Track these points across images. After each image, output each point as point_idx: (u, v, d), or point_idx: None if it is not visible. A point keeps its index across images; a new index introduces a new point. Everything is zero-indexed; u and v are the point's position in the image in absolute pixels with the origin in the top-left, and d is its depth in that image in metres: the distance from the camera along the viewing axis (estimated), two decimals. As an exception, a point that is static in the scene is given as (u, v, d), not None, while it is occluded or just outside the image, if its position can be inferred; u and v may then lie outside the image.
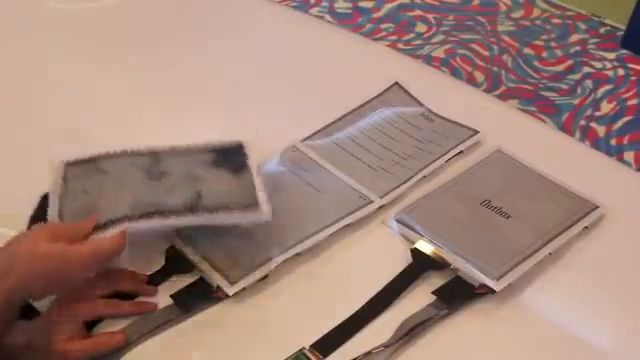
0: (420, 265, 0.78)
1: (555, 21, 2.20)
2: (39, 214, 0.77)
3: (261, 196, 0.76)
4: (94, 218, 0.72)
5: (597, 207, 0.84)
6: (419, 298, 0.75)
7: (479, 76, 1.98)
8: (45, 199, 0.78)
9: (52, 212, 0.75)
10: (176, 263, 0.79)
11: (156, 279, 0.78)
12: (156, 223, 0.73)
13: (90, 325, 0.73)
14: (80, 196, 0.77)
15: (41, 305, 0.73)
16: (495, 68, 2.00)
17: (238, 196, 0.77)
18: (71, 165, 0.81)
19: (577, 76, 1.97)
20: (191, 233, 0.80)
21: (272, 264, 0.77)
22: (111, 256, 0.69)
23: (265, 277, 0.77)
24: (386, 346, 0.70)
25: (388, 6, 2.26)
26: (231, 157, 0.83)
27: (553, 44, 2.10)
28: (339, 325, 0.73)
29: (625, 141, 1.76)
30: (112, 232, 0.70)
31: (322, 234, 0.81)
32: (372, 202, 0.85)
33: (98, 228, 0.71)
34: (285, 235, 0.80)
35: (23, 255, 0.65)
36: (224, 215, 0.74)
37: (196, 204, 0.75)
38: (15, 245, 0.67)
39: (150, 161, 0.81)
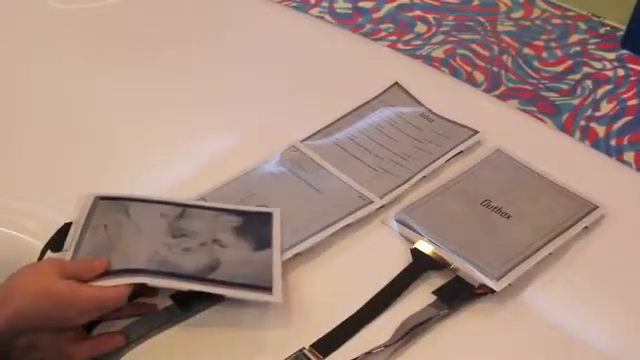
0: (420, 265, 0.78)
1: (555, 21, 2.20)
2: (57, 242, 0.76)
3: (276, 280, 0.74)
4: (105, 260, 0.70)
5: (597, 207, 0.84)
6: (419, 298, 0.75)
7: (479, 76, 1.97)
8: (66, 228, 0.77)
9: (70, 243, 0.74)
10: None
11: None
12: (168, 284, 0.72)
13: (90, 326, 0.73)
14: (100, 232, 0.76)
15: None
16: (495, 68, 2.00)
17: (254, 275, 0.74)
18: (100, 199, 0.80)
19: (577, 76, 1.97)
20: None
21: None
22: (114, 306, 0.68)
23: None
24: (386, 346, 0.70)
25: (388, 6, 2.26)
26: (257, 226, 0.80)
27: (553, 44, 2.10)
28: (339, 325, 0.73)
29: (625, 141, 1.76)
30: (122, 281, 0.69)
31: (322, 234, 0.81)
32: (372, 202, 0.85)
33: (110, 273, 0.70)
34: (285, 235, 0.80)
35: (27, 288, 0.65)
36: (236, 292, 0.73)
37: (211, 273, 0.73)
38: (21, 276, 0.66)
39: (177, 214, 0.80)
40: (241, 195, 0.86)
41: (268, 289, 0.73)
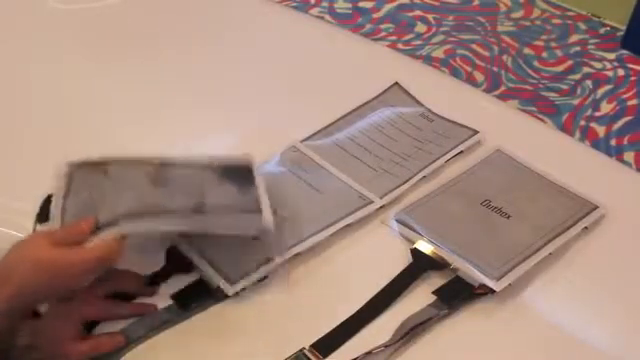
0: (420, 265, 0.78)
1: (555, 21, 2.20)
2: (43, 214, 0.76)
3: (265, 205, 0.75)
4: (91, 220, 0.70)
5: (597, 207, 0.84)
6: (419, 298, 0.75)
7: (479, 76, 1.97)
8: (49, 199, 0.77)
9: (55, 212, 0.74)
10: (176, 263, 0.79)
11: (156, 279, 0.78)
12: (154, 224, 0.72)
13: (90, 326, 0.73)
14: (83, 197, 0.76)
15: (42, 306, 0.73)
16: (495, 68, 2.00)
17: (241, 205, 0.76)
18: (77, 166, 0.80)
19: (577, 76, 1.97)
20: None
21: (272, 264, 0.77)
22: (110, 262, 0.69)
23: (265, 277, 0.77)
24: (386, 346, 0.70)
25: (388, 6, 2.26)
26: (238, 175, 0.81)
27: (553, 44, 2.10)
28: (339, 325, 0.73)
29: (625, 141, 1.76)
30: (109, 234, 0.69)
31: (322, 234, 0.81)
32: (372, 202, 0.85)
33: (95, 230, 0.69)
34: (285, 235, 0.80)
35: (24, 262, 0.65)
36: (226, 218, 0.74)
37: (198, 209, 0.74)
38: (15, 253, 0.67)
39: (157, 169, 0.80)
40: None
41: (257, 212, 0.73)
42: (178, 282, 0.77)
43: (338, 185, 0.88)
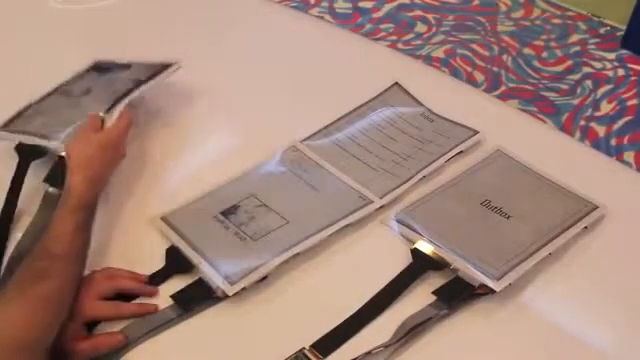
0: (420, 265, 0.78)
1: (555, 21, 2.20)
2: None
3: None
4: (96, 114, 0.89)
5: (597, 207, 0.84)
6: (419, 298, 0.75)
7: (479, 76, 1.97)
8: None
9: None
10: (176, 263, 0.79)
11: (156, 279, 0.78)
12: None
13: (91, 325, 0.73)
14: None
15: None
16: (495, 68, 2.00)
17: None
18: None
19: (577, 76, 1.97)
20: (192, 234, 0.80)
21: (272, 264, 0.77)
22: (130, 124, 0.89)
23: (265, 277, 0.77)
24: (386, 346, 0.70)
25: (388, 6, 2.26)
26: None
27: (553, 44, 2.10)
28: (339, 325, 0.73)
29: (625, 141, 1.76)
30: (119, 109, 0.90)
31: (322, 234, 0.81)
32: (372, 202, 0.85)
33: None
34: (285, 235, 0.80)
35: (89, 149, 0.83)
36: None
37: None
38: (73, 149, 0.83)
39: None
40: (241, 195, 0.86)
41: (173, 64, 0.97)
42: (178, 282, 0.77)
43: (338, 185, 0.88)
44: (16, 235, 0.83)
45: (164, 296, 0.76)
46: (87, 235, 0.76)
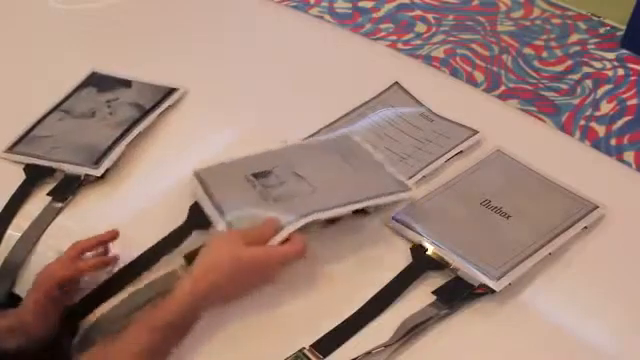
0: (420, 265, 0.78)
1: (555, 21, 2.20)
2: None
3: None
4: (276, 221, 0.75)
5: (597, 207, 0.84)
6: (419, 298, 0.75)
7: (479, 76, 1.97)
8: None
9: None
10: (197, 219, 0.81)
11: (174, 236, 0.80)
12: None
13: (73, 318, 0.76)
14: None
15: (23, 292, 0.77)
16: (495, 68, 2.00)
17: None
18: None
19: (577, 76, 1.97)
20: (217, 190, 0.82)
21: (290, 226, 0.76)
22: (302, 255, 0.74)
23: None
24: (386, 346, 0.70)
25: (388, 6, 2.26)
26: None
27: (553, 44, 2.10)
28: (339, 325, 0.73)
29: (625, 141, 1.76)
30: (287, 231, 0.75)
31: (347, 208, 0.79)
32: (406, 190, 0.83)
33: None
34: (308, 201, 0.80)
35: (223, 261, 0.70)
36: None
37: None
38: (213, 250, 0.72)
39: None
40: (277, 162, 0.87)
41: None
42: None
43: (376, 168, 0.87)
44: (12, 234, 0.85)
45: (179, 257, 0.78)
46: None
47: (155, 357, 0.67)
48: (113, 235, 0.80)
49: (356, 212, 0.82)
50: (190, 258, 0.76)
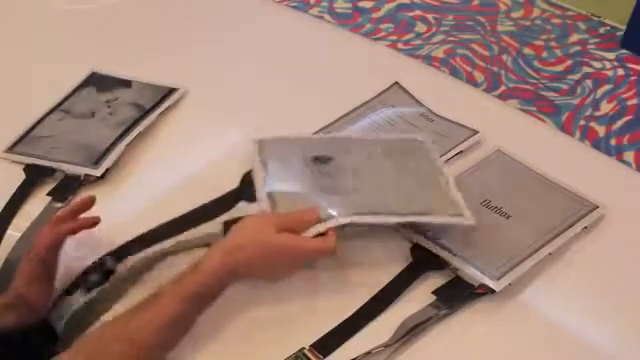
0: (420, 265, 0.78)
1: (555, 21, 2.20)
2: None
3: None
4: (317, 211, 0.73)
5: (597, 207, 0.84)
6: (419, 298, 0.75)
7: (479, 76, 1.97)
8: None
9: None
10: (246, 190, 0.82)
11: (219, 203, 0.82)
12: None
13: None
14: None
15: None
16: (495, 68, 2.00)
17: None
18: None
19: (577, 76, 1.97)
20: (272, 164, 0.82)
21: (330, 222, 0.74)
22: (331, 253, 0.72)
23: None
24: (386, 346, 0.70)
25: (388, 6, 2.25)
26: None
27: (553, 44, 2.10)
28: (339, 325, 0.73)
29: (625, 141, 1.75)
30: (328, 226, 0.72)
31: (376, 218, 0.77)
32: (462, 217, 0.79)
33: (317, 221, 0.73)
34: (343, 203, 0.77)
35: (253, 243, 0.70)
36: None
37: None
38: (242, 230, 0.71)
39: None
40: (344, 151, 0.86)
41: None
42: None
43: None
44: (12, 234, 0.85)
45: None
46: (182, 329, 0.69)
47: (180, 326, 0.68)
48: (89, 210, 0.79)
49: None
50: (227, 227, 0.75)
